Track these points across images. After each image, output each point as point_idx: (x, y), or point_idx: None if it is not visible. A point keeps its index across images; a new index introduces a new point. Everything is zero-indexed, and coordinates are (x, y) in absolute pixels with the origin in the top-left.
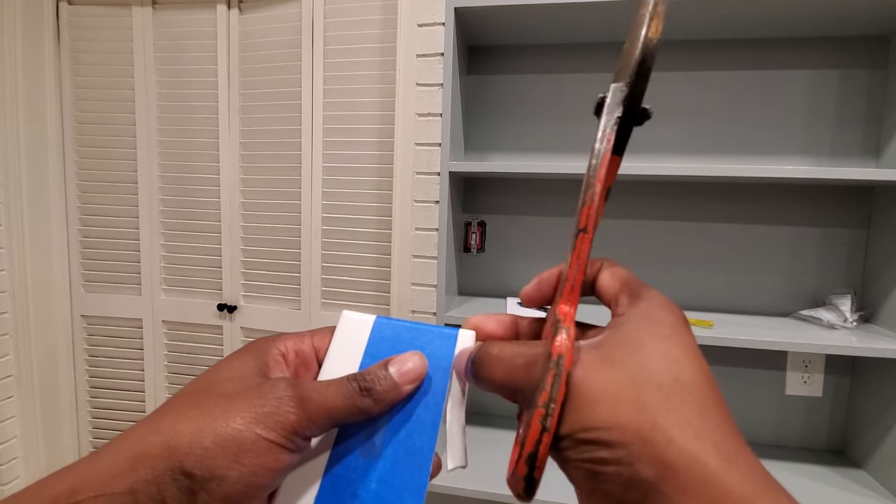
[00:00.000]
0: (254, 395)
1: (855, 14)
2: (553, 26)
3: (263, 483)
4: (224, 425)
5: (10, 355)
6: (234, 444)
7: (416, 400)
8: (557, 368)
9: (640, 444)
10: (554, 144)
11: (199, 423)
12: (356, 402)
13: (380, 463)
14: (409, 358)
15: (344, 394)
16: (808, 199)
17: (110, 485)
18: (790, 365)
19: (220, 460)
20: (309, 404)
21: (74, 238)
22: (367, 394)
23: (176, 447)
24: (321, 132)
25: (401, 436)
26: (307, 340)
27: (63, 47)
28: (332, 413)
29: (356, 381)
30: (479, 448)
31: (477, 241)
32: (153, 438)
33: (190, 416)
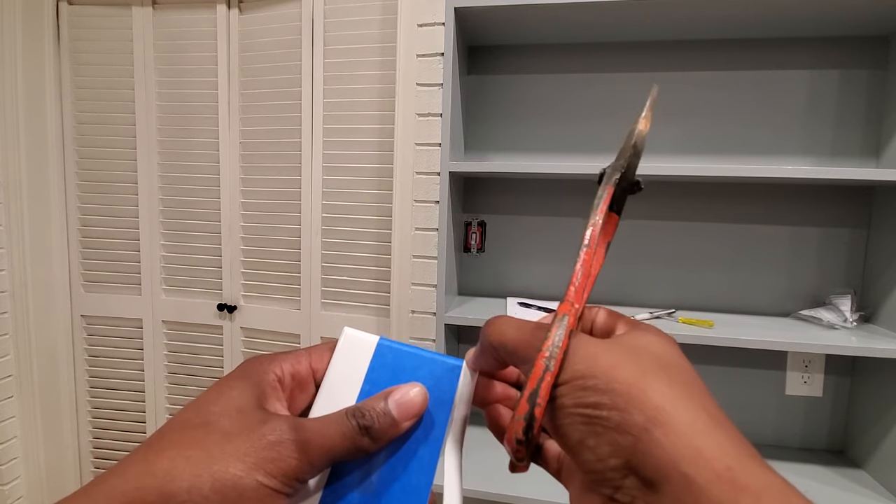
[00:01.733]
0: (254, 435)
1: (855, 14)
2: (553, 26)
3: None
4: (223, 470)
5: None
6: (233, 492)
7: (415, 435)
8: (562, 321)
9: (634, 392)
10: (554, 144)
11: (196, 466)
12: (355, 442)
13: (374, 499)
14: (410, 391)
15: (343, 433)
16: (809, 199)
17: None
18: (790, 365)
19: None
20: (309, 447)
21: (74, 238)
22: (366, 432)
23: (172, 494)
24: (321, 132)
25: (397, 473)
26: (304, 361)
27: (63, 47)
28: (331, 453)
29: (355, 419)
30: (478, 448)
31: (477, 241)
32: (149, 482)
33: (187, 457)
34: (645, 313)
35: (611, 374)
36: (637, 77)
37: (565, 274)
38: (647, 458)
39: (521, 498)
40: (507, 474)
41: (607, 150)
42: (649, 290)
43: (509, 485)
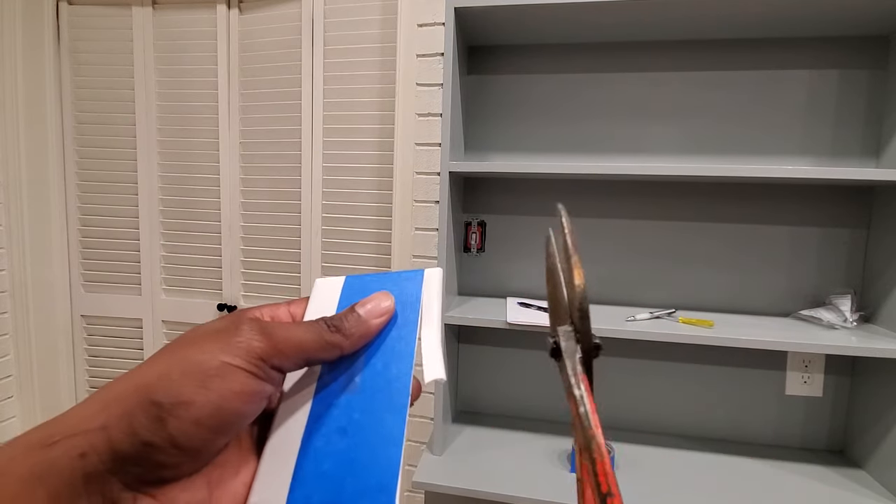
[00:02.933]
0: (221, 334)
1: (855, 14)
2: (553, 26)
3: (233, 408)
4: (190, 357)
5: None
6: (199, 371)
7: (391, 336)
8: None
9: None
10: (554, 144)
11: (167, 362)
12: (325, 337)
13: (360, 395)
14: (376, 297)
15: (313, 329)
16: (808, 199)
17: (84, 425)
18: (790, 365)
19: (186, 387)
20: (274, 336)
21: (74, 238)
22: (336, 329)
23: (145, 383)
24: (321, 132)
25: (378, 368)
26: (283, 307)
27: (63, 47)
28: (302, 346)
29: (325, 321)
30: (477, 448)
31: (477, 241)
32: (125, 382)
33: (159, 360)
34: (645, 313)
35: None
36: (637, 77)
37: None
38: None
39: (522, 498)
40: (506, 474)
41: (607, 150)
42: (649, 290)
43: (509, 485)
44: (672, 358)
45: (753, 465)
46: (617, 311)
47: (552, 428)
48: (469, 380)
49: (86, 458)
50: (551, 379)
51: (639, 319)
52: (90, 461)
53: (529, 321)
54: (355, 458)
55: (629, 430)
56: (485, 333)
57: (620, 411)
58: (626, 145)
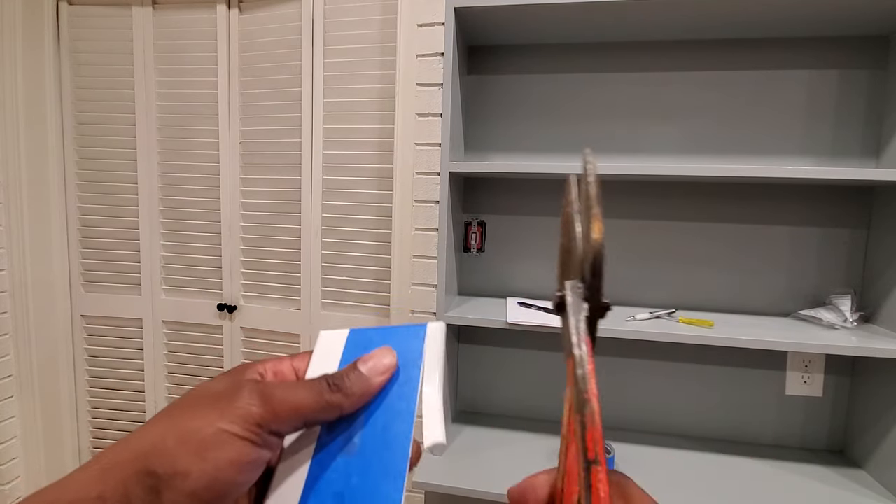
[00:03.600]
0: (220, 398)
1: (855, 14)
2: (553, 26)
3: (229, 478)
4: (186, 425)
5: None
6: (195, 440)
7: (391, 394)
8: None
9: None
10: (554, 144)
11: (163, 428)
12: (325, 398)
13: (358, 457)
14: (378, 353)
15: (312, 390)
16: (808, 199)
17: (82, 493)
18: (790, 365)
19: (182, 458)
20: (273, 399)
21: (74, 238)
22: (337, 388)
23: (141, 451)
24: (321, 132)
25: (378, 428)
26: (286, 362)
27: (63, 47)
28: (300, 409)
29: (325, 379)
30: (477, 448)
31: (477, 241)
32: (122, 449)
33: (157, 425)
34: (645, 313)
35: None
36: (637, 77)
37: None
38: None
39: None
40: (506, 474)
41: (607, 150)
42: (649, 290)
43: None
44: (672, 358)
45: (753, 465)
46: (617, 311)
47: (552, 428)
48: (469, 380)
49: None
50: (551, 379)
51: (639, 319)
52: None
53: (529, 321)
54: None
55: (629, 430)
56: (485, 333)
57: (620, 411)
58: (626, 145)
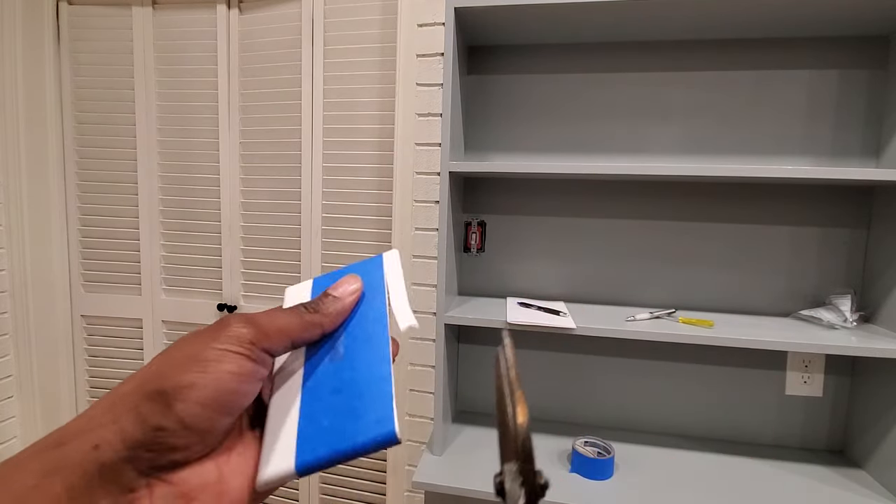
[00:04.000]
0: (211, 330)
1: (855, 14)
2: (553, 26)
3: (231, 387)
4: (187, 350)
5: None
6: (196, 360)
7: (363, 314)
8: None
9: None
10: (554, 144)
11: (165, 359)
12: (306, 318)
13: (346, 360)
14: (344, 280)
15: (293, 313)
16: (808, 199)
17: (93, 423)
18: (790, 365)
19: (187, 374)
20: (260, 323)
21: (74, 238)
22: (314, 310)
23: (146, 378)
24: (321, 132)
25: (357, 335)
26: (263, 313)
27: (63, 47)
28: (284, 329)
29: (302, 305)
30: (477, 448)
31: (477, 241)
32: (128, 384)
33: (157, 360)
34: (645, 313)
35: None
36: (637, 77)
37: (565, 274)
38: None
39: None
40: None
41: (607, 150)
42: (649, 290)
43: None
44: (672, 358)
45: (753, 465)
46: (617, 311)
47: (552, 428)
48: (469, 380)
49: (99, 449)
50: (551, 379)
51: (639, 319)
52: (103, 452)
53: (529, 321)
54: (351, 406)
55: (629, 430)
56: (485, 333)
57: (620, 411)
58: (626, 145)
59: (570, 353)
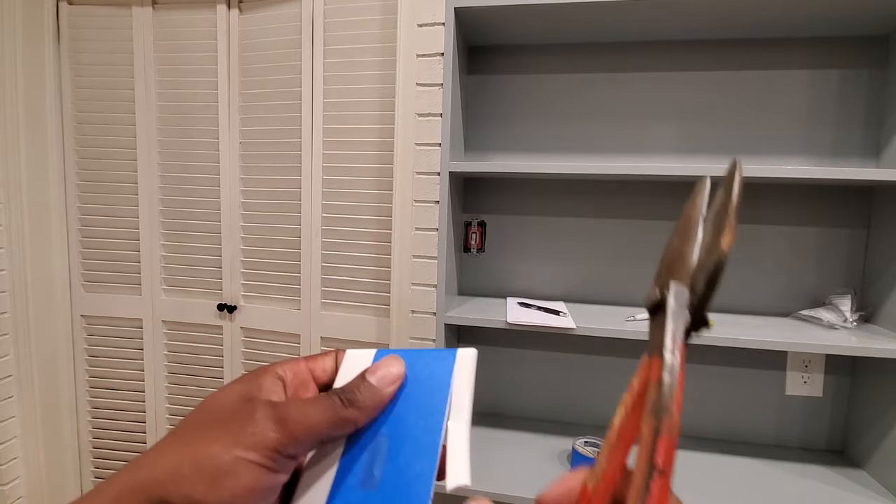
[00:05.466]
0: (232, 419)
1: (855, 14)
2: (553, 26)
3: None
4: (201, 451)
5: (10, 355)
6: (211, 468)
7: (416, 425)
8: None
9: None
10: (554, 144)
11: (178, 453)
12: (339, 413)
13: (379, 494)
14: (384, 362)
15: (325, 407)
16: (808, 199)
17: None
18: (790, 365)
19: (198, 486)
20: (289, 422)
21: (74, 238)
22: (350, 403)
23: (155, 479)
24: (321, 132)
25: (400, 463)
26: (301, 363)
27: (63, 47)
28: (315, 428)
29: (336, 394)
30: (477, 448)
31: (477, 241)
32: (135, 475)
33: (170, 449)
34: (645, 313)
35: None
36: (637, 77)
37: (565, 274)
38: None
39: (522, 498)
40: (507, 474)
41: (607, 150)
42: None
43: (510, 485)
44: None
45: (753, 465)
46: (617, 311)
47: (553, 428)
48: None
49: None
50: (551, 379)
51: (639, 319)
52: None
53: (529, 321)
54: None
55: None
56: (485, 333)
57: None
58: (626, 145)
59: (570, 353)
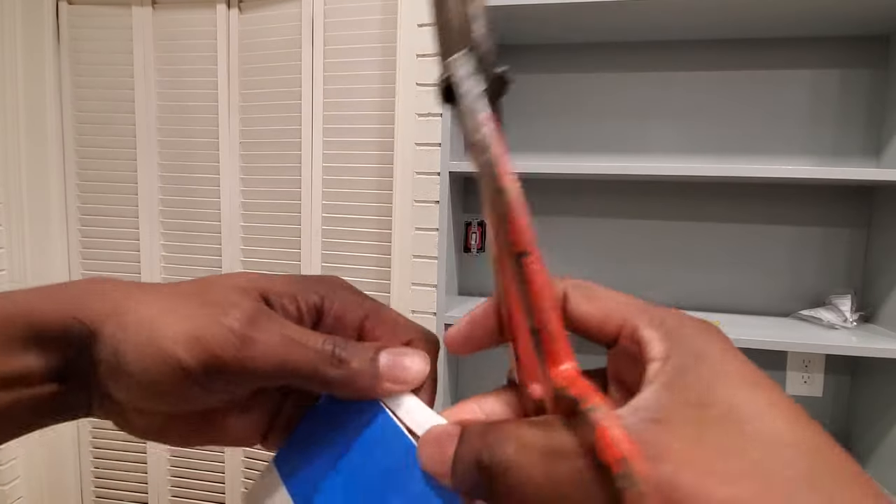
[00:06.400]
0: (212, 304)
1: (855, 14)
2: (554, 26)
3: (147, 396)
4: (143, 310)
5: None
6: (140, 330)
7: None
8: (632, 484)
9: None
10: (554, 144)
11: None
12: (319, 367)
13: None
14: (409, 353)
15: (310, 348)
16: (809, 199)
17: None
18: (790, 365)
19: (130, 353)
20: (255, 345)
21: (74, 238)
22: (338, 363)
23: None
24: (321, 132)
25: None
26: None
27: (63, 47)
28: (284, 363)
29: (333, 344)
30: None
31: (477, 241)
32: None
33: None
34: None
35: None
36: (638, 77)
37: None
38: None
39: None
40: None
41: (608, 150)
42: (649, 289)
43: None
44: None
45: None
46: None
47: None
48: (469, 380)
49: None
50: None
51: None
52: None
53: None
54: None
55: None
56: None
57: None
58: (626, 145)
59: None
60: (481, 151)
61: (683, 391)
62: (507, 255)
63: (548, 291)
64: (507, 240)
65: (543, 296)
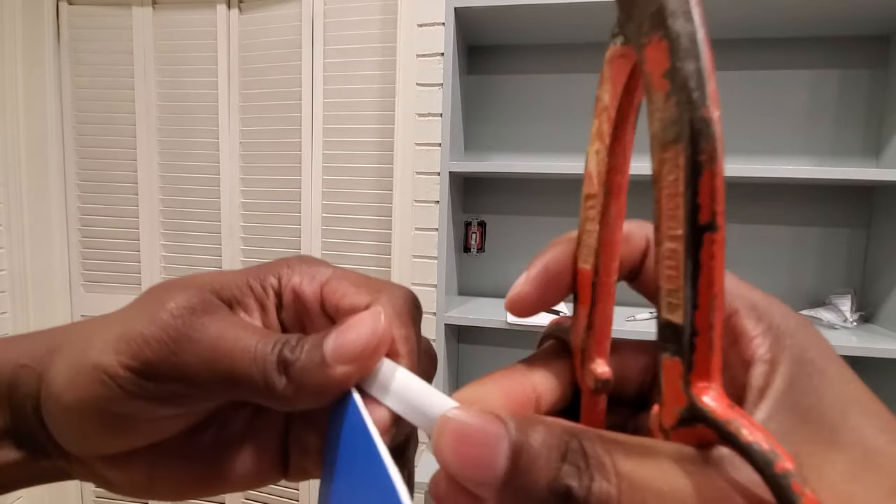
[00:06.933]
0: (142, 310)
1: (855, 14)
2: (553, 26)
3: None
4: (85, 337)
5: None
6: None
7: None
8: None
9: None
10: (554, 144)
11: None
12: (266, 376)
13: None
14: (354, 322)
15: (254, 353)
16: (809, 199)
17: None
18: None
19: (59, 377)
20: (189, 343)
21: (74, 238)
22: (284, 369)
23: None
24: (321, 132)
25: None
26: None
27: (63, 47)
28: (226, 369)
29: (280, 345)
30: None
31: (477, 241)
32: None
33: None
34: (645, 313)
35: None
36: None
37: None
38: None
39: None
40: None
41: None
42: None
43: None
44: None
45: None
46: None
47: None
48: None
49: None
50: None
51: (639, 319)
52: None
53: (529, 321)
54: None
55: None
56: (485, 333)
57: None
58: None
59: None
60: (685, 55)
61: (806, 416)
62: (680, 220)
63: (720, 286)
64: (691, 201)
65: (715, 291)
